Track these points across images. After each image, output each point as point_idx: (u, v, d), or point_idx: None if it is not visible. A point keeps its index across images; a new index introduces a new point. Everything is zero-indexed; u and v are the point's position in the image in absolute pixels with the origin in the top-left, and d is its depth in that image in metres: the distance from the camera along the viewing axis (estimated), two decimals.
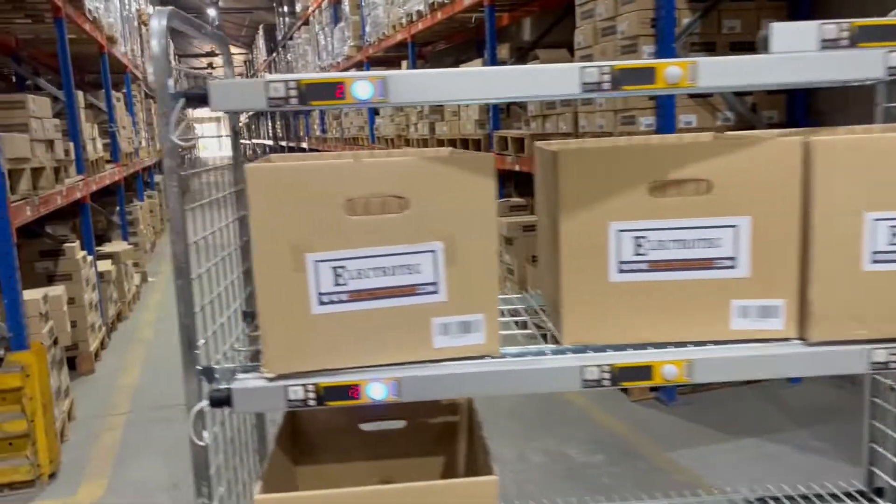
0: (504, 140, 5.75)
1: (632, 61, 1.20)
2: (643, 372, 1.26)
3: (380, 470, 1.76)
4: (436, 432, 1.75)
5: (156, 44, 1.18)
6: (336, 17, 11.33)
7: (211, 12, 22.30)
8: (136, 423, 4.32)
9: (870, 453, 1.87)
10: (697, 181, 1.26)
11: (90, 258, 5.58)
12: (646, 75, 1.20)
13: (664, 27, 3.86)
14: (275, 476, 1.55)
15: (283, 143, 20.08)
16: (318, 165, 1.22)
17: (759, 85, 1.21)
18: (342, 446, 1.73)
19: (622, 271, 1.29)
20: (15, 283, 3.50)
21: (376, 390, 1.25)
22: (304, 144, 15.97)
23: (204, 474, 1.34)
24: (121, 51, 8.35)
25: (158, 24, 1.19)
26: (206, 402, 1.26)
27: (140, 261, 8.13)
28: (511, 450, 3.66)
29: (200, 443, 1.29)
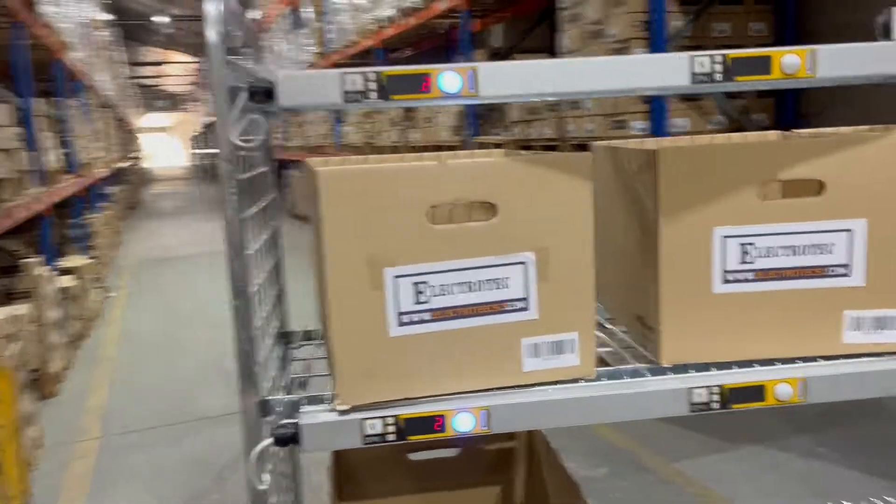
0: (484, 147, 5.64)
1: (746, 50, 1.08)
2: (755, 393, 1.15)
3: None
4: (490, 459, 1.61)
5: (213, 32, 1.02)
6: (297, 24, 11.12)
7: (162, 19, 21.76)
8: (109, 449, 4.06)
9: None
10: (808, 182, 1.16)
11: (51, 274, 5.28)
12: (761, 65, 1.08)
13: (657, 30, 3.80)
14: None
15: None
16: (401, 168, 1.07)
17: (883, 76, 1.11)
18: (389, 478, 1.58)
19: (727, 281, 1.18)
20: None
21: (464, 421, 1.11)
22: None
23: None
24: (75, 57, 8.01)
25: (215, 10, 1.04)
26: (270, 441, 1.10)
27: (100, 275, 7.79)
28: None
29: (261, 487, 1.12)
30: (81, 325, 6.18)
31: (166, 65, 31.98)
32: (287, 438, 1.09)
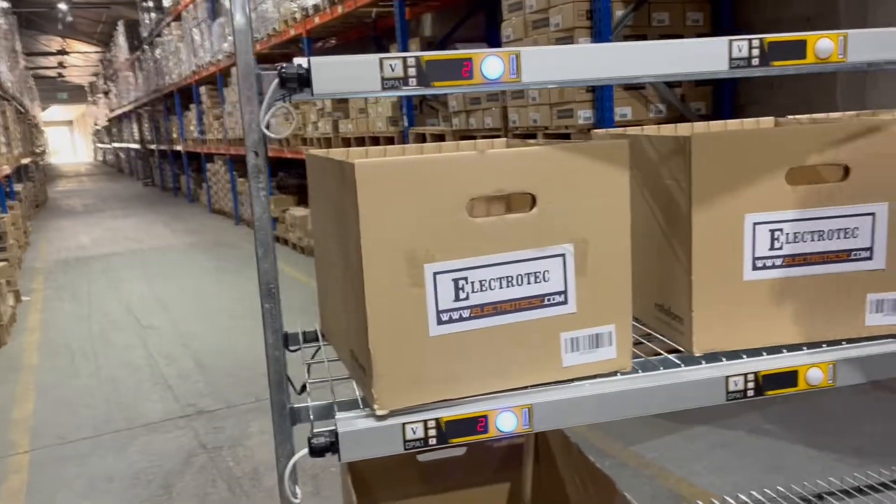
0: (422, 137, 5.59)
1: (782, 34, 1.08)
2: (789, 378, 1.15)
3: None
4: (499, 458, 1.57)
5: (239, 15, 0.94)
6: (213, 13, 10.75)
7: (62, 7, 20.63)
8: (43, 463, 3.83)
9: None
10: (836, 166, 1.17)
11: None
12: (796, 50, 1.08)
13: (601, 19, 3.84)
14: None
15: (153, 147, 18.90)
16: (439, 159, 1.02)
17: None
18: (398, 481, 1.52)
19: (756, 268, 1.17)
20: None
21: (507, 421, 1.07)
22: (179, 148, 15.10)
23: None
24: None
25: None
26: (306, 451, 1.03)
27: (11, 278, 7.35)
28: None
29: (295, 500, 1.05)
30: None
31: (68, 55, 30.41)
32: (323, 447, 1.02)
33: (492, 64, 1.00)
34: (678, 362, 1.18)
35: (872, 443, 3.36)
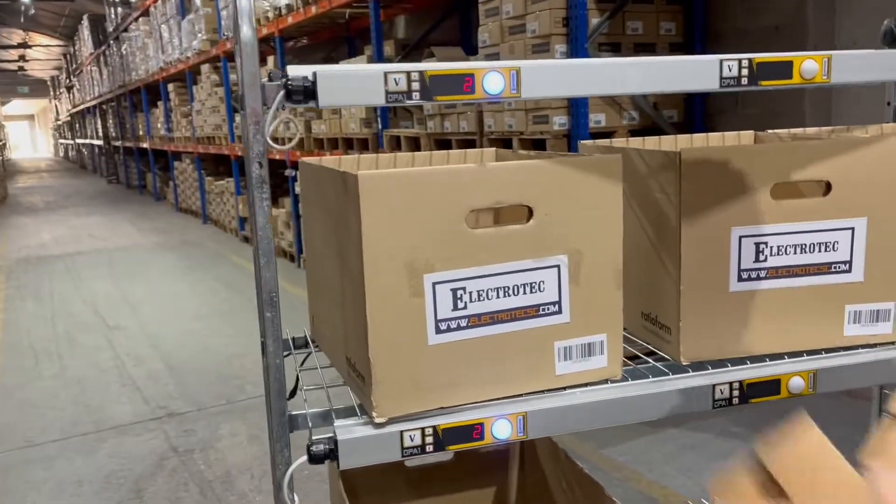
0: (396, 140, 5.60)
1: (769, 55, 1.12)
2: (771, 387, 1.19)
3: None
4: (485, 462, 1.59)
5: (246, 28, 0.95)
6: (183, 9, 10.63)
7: (23, 0, 20.21)
8: (9, 466, 3.76)
9: None
10: (818, 182, 1.21)
11: None
12: (784, 70, 1.12)
13: (577, 27, 3.88)
14: None
15: (118, 144, 18.59)
16: (441, 171, 1.03)
17: (887, 81, 1.17)
18: (385, 485, 1.53)
19: (742, 280, 1.21)
20: None
21: (502, 428, 1.09)
22: (145, 145, 14.88)
23: None
24: None
25: (246, 3, 0.96)
26: (305, 458, 1.04)
27: None
28: None
29: None
30: None
31: (30, 48, 29.77)
32: (322, 455, 1.03)
33: (493, 79, 1.02)
34: (666, 371, 1.22)
35: (839, 445, 3.44)
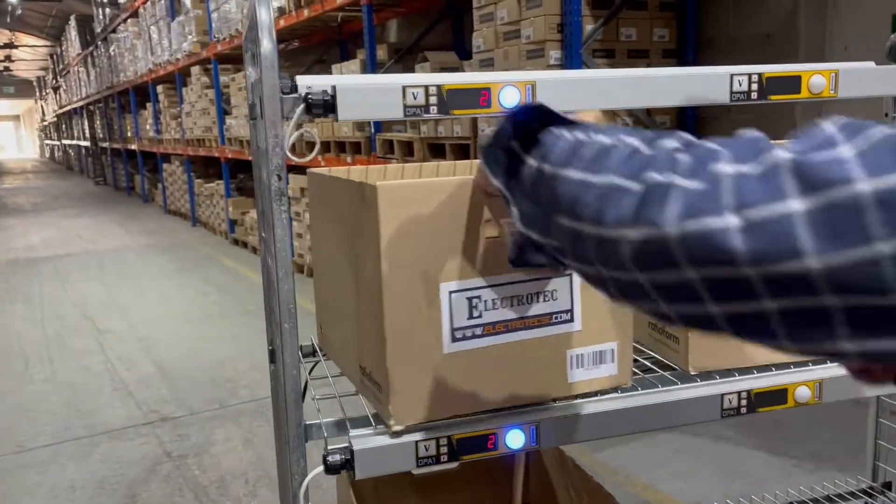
0: (389, 143, 5.60)
1: (779, 69, 1.14)
2: (779, 396, 1.21)
3: None
4: (491, 468, 1.60)
5: (266, 41, 0.96)
6: (173, 11, 10.60)
7: (10, 0, 20.05)
8: (2, 471, 3.73)
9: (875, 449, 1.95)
10: None
11: None
12: (792, 84, 1.14)
13: (572, 33, 3.91)
14: None
15: (105, 145, 18.48)
16: (457, 181, 1.05)
17: (892, 96, 1.20)
18: (391, 492, 1.54)
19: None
20: None
21: (515, 439, 1.10)
22: (133, 146, 14.81)
23: None
24: None
25: (267, 16, 0.97)
26: (321, 468, 1.04)
27: None
28: None
29: None
30: None
31: (16, 48, 29.55)
32: (339, 465, 1.04)
33: (509, 93, 1.03)
34: (675, 380, 1.23)
35: (827, 449, 3.48)
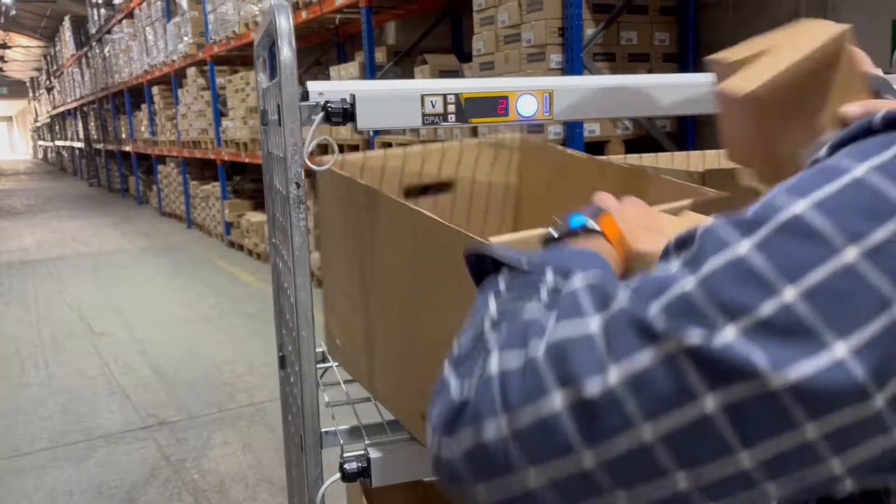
0: (388, 146, 5.60)
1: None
2: None
3: None
4: None
5: (287, 48, 0.95)
6: (168, 12, 10.58)
7: (5, 0, 19.97)
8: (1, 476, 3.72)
9: None
10: None
11: None
12: None
13: (573, 37, 3.91)
14: None
15: (99, 147, 18.43)
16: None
17: None
18: (401, 499, 1.54)
19: None
20: None
21: None
22: (128, 148, 14.77)
23: None
24: None
25: (287, 24, 0.97)
26: (338, 476, 1.04)
27: None
28: None
29: None
30: None
31: (9, 49, 29.46)
32: (356, 473, 1.04)
33: (526, 102, 1.03)
34: None
35: None
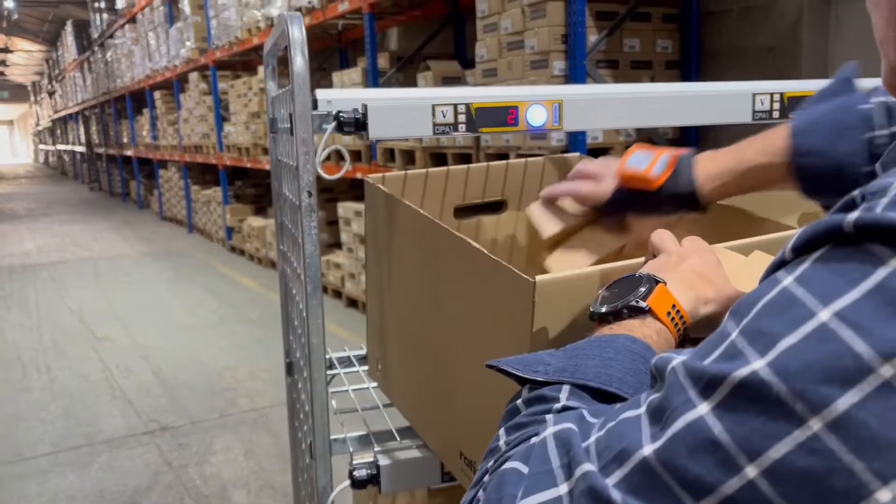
0: (390, 152, 5.61)
1: (799, 87, 1.15)
2: None
3: None
4: None
5: (300, 58, 0.96)
6: (171, 17, 10.61)
7: (7, 3, 20.00)
8: (1, 480, 3.72)
9: None
10: None
11: None
12: None
13: (576, 44, 3.92)
14: None
15: (101, 151, 18.46)
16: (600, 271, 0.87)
17: None
18: None
19: None
20: None
21: None
22: (129, 152, 14.79)
23: None
24: None
25: (300, 34, 0.98)
26: (347, 483, 1.05)
27: None
28: None
29: None
30: None
31: (11, 53, 29.52)
32: (366, 480, 1.04)
33: (536, 112, 1.04)
34: None
35: None
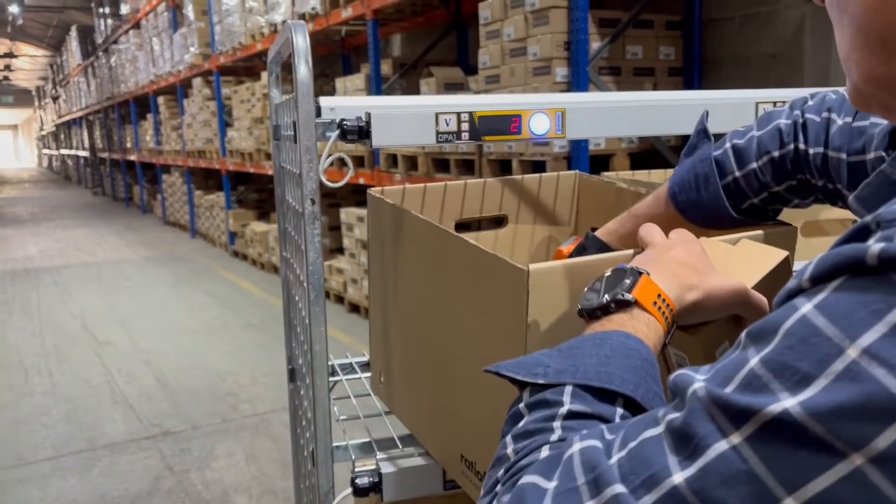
0: (392, 158, 5.62)
1: (800, 94, 1.15)
2: None
3: None
4: None
5: (304, 66, 0.96)
6: (175, 23, 10.64)
7: (12, 9, 20.07)
8: (3, 485, 3.72)
9: None
10: None
11: None
12: None
13: (579, 51, 3.93)
14: None
15: (104, 156, 18.50)
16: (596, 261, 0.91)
17: None
18: None
19: None
20: None
21: None
22: (133, 157, 14.83)
23: None
24: None
25: (304, 43, 0.98)
26: (349, 491, 1.04)
27: None
28: None
29: None
30: None
31: (15, 58, 29.62)
32: (368, 487, 1.04)
33: (539, 120, 1.04)
34: None
35: None
